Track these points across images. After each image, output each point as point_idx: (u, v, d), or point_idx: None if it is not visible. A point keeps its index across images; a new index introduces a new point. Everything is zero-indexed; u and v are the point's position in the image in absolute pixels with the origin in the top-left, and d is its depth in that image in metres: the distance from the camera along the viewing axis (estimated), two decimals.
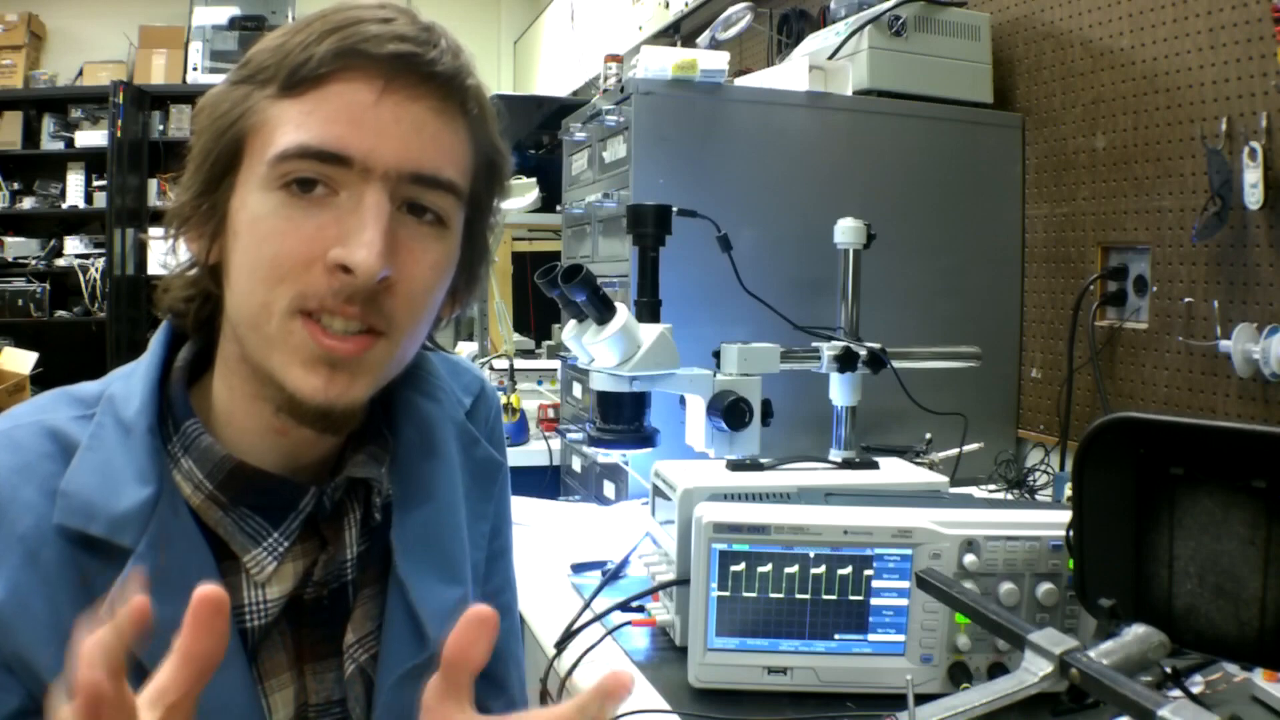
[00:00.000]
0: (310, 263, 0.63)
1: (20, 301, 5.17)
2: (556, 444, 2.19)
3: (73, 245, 5.32)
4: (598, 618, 1.18)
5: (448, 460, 0.80)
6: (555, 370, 2.68)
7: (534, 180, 2.82)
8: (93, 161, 5.26)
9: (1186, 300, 1.62)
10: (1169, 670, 0.79)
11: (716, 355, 1.41)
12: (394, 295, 0.65)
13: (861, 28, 1.89)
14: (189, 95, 5.42)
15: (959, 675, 0.99)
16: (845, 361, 1.45)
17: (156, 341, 0.72)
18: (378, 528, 0.75)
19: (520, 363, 2.61)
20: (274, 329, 0.64)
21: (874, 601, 1.00)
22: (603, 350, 1.28)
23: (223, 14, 5.45)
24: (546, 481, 2.14)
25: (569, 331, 1.34)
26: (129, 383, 0.69)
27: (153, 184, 5.41)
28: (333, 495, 0.72)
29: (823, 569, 0.99)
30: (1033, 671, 0.70)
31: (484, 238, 0.76)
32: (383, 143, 0.64)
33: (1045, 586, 0.98)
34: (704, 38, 2.34)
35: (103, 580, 0.62)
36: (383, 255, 0.62)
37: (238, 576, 0.68)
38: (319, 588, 0.71)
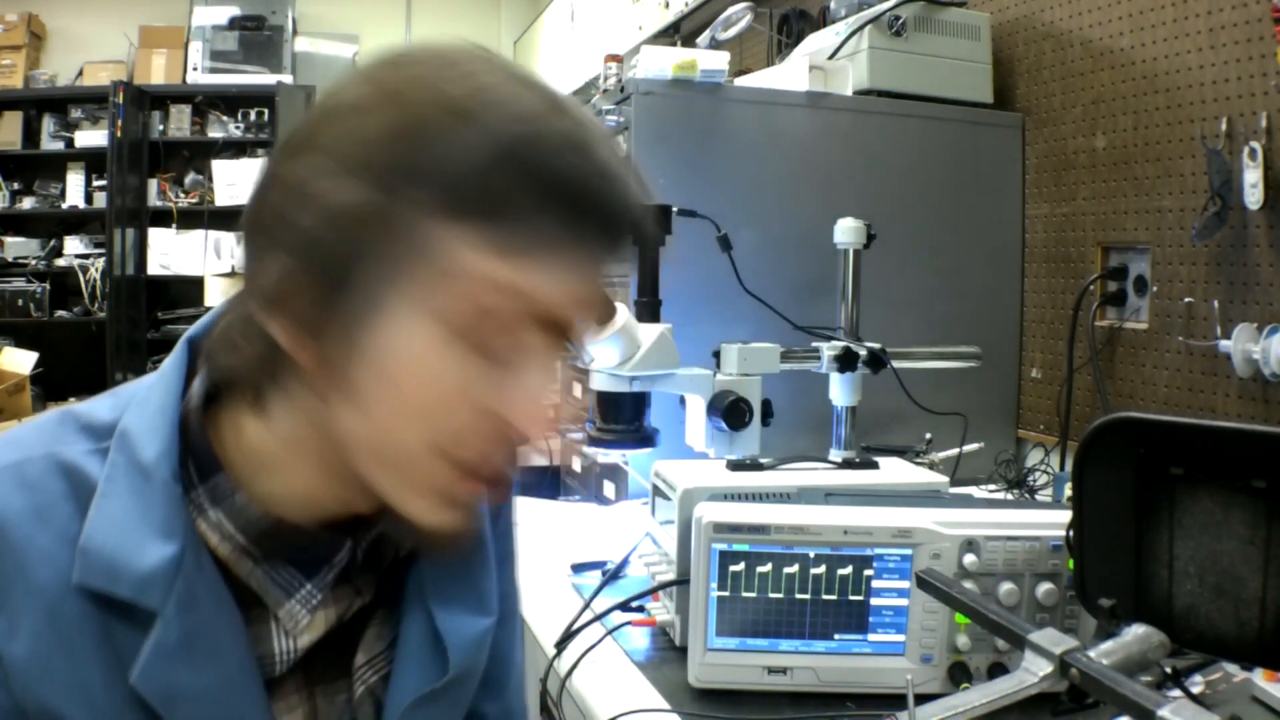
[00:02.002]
0: (467, 412, 0.58)
1: (20, 301, 5.16)
2: (556, 444, 2.18)
3: (73, 245, 5.31)
4: (598, 618, 1.18)
5: None
6: (555, 370, 2.68)
7: None
8: (93, 161, 5.25)
9: (1186, 300, 1.62)
10: (1169, 670, 0.79)
11: (716, 355, 1.41)
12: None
13: (861, 28, 1.89)
14: (189, 95, 5.42)
15: (959, 675, 0.99)
16: (845, 361, 1.45)
17: (173, 371, 0.65)
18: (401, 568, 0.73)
19: None
20: (413, 463, 0.59)
21: (874, 601, 1.00)
22: (603, 350, 1.28)
23: (223, 14, 5.45)
24: (546, 481, 2.14)
25: None
26: (143, 414, 0.63)
27: (153, 184, 5.41)
28: (365, 547, 0.69)
29: (823, 569, 0.99)
30: (1033, 671, 0.70)
31: None
32: (578, 311, 0.60)
33: (1045, 586, 0.98)
34: (704, 38, 2.34)
35: (127, 639, 0.59)
36: (546, 427, 0.60)
37: (266, 625, 0.65)
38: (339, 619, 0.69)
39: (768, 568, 0.99)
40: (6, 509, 0.59)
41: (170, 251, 5.35)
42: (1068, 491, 1.33)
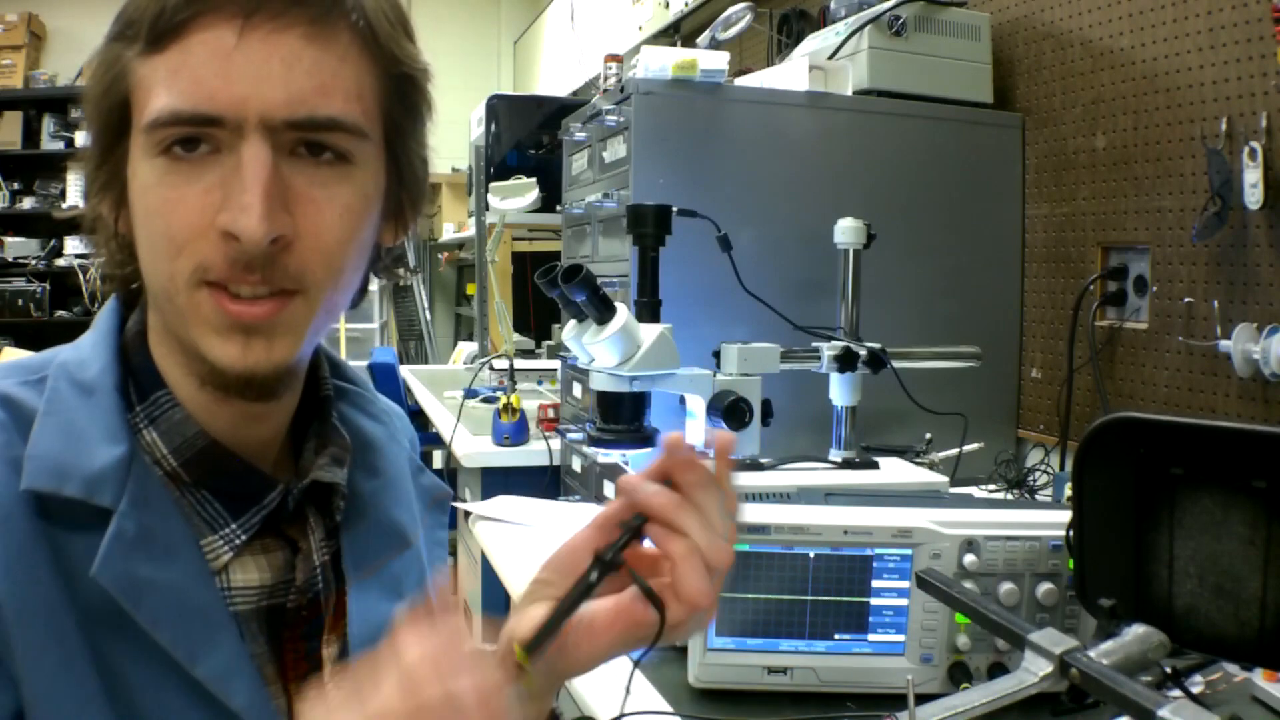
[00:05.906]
0: (203, 230, 0.58)
1: (20, 301, 5.17)
2: (556, 444, 2.18)
3: (73, 245, 5.32)
4: None
5: (395, 482, 0.77)
6: (555, 370, 2.68)
7: (534, 180, 2.82)
8: None
9: (1186, 300, 1.62)
10: (1169, 670, 0.79)
11: (716, 355, 1.41)
12: (298, 252, 0.60)
13: (861, 28, 1.89)
14: None
15: (959, 675, 0.99)
16: (845, 361, 1.45)
17: (107, 310, 0.68)
18: (335, 542, 0.72)
19: (520, 363, 2.61)
20: (183, 301, 0.60)
21: (874, 601, 1.00)
22: (603, 350, 1.28)
23: None
24: (546, 481, 2.14)
25: (569, 331, 1.34)
26: (79, 348, 0.66)
27: None
28: (297, 496, 0.68)
29: (823, 569, 0.99)
30: (1033, 671, 0.70)
31: (411, 158, 0.69)
32: (252, 90, 0.57)
33: (1045, 586, 0.98)
34: (704, 38, 2.34)
35: (79, 549, 0.58)
36: (266, 218, 0.57)
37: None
38: (300, 595, 0.68)
39: (768, 568, 0.99)
40: None
41: None
42: (1068, 491, 1.33)
